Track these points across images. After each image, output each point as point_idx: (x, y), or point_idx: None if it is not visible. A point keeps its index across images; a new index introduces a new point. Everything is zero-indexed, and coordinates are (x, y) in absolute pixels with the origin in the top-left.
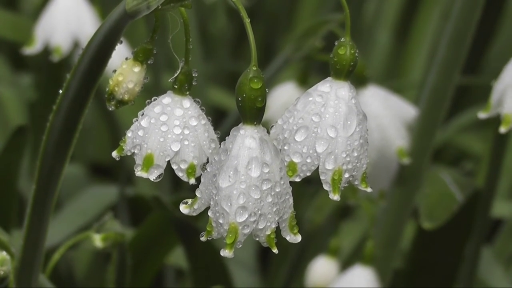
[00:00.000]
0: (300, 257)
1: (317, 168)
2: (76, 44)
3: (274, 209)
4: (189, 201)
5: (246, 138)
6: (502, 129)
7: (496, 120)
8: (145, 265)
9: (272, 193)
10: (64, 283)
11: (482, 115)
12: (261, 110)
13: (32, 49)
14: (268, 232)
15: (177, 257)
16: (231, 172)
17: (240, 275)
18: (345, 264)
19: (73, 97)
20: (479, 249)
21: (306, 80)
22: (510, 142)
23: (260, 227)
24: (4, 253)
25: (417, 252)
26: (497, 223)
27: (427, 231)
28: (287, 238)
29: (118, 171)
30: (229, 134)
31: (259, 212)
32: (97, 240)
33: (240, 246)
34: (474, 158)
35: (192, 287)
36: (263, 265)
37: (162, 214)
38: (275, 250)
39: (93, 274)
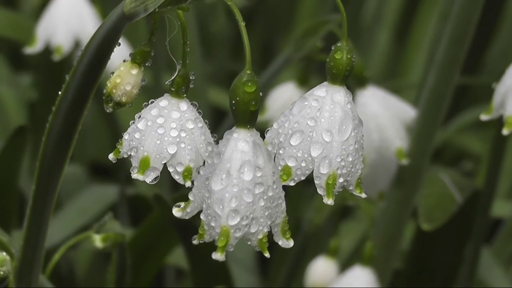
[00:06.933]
0: (300, 258)
1: (312, 172)
2: (77, 44)
3: (267, 213)
4: (182, 204)
5: (239, 141)
6: (505, 131)
7: (496, 121)
8: (145, 265)
9: (265, 197)
10: (65, 283)
11: (484, 117)
12: (255, 113)
13: (33, 48)
14: (260, 236)
15: (177, 257)
16: (224, 175)
17: (240, 275)
18: (345, 265)
19: (72, 99)
20: (478, 249)
21: (306, 80)
22: (510, 142)
23: (252, 230)
24: (4, 253)
25: (417, 252)
26: (497, 223)
27: (427, 231)
28: (280, 243)
29: (118, 171)
30: None
31: (251, 215)
32: (97, 241)
33: (232, 249)
34: (474, 158)
35: (192, 287)
36: (263, 265)
37: (162, 213)
38: (266, 254)
39: (93, 274)
